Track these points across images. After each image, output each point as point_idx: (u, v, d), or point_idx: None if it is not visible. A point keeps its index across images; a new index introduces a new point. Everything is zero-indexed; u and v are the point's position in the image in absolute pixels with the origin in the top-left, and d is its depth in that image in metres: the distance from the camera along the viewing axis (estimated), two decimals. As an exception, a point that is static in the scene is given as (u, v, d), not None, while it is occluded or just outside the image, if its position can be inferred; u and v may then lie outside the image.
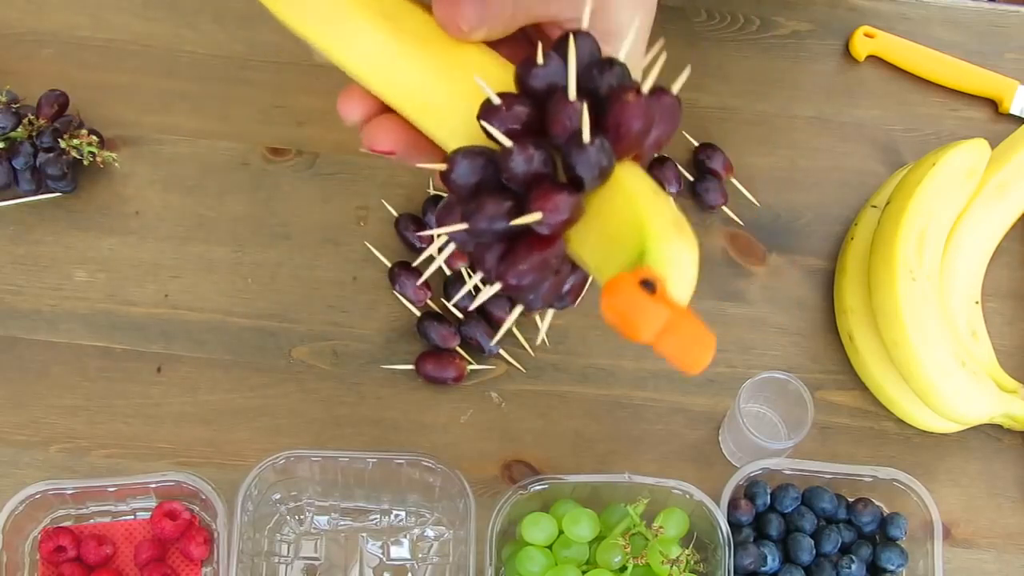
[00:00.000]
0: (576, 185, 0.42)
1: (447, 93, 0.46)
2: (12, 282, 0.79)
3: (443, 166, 0.44)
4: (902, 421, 0.78)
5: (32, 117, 0.78)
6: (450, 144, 0.45)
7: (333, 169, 0.82)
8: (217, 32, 0.85)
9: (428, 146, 0.48)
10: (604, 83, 0.43)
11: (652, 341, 0.39)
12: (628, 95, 0.42)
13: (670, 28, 0.86)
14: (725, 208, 0.81)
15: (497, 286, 0.44)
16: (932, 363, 0.72)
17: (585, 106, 0.41)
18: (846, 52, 0.87)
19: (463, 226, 0.43)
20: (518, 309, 0.46)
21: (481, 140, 0.44)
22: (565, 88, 0.42)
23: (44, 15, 0.85)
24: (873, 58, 0.86)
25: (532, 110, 0.43)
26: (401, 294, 0.78)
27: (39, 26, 0.84)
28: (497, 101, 0.43)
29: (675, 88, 0.44)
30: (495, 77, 0.45)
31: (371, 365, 0.78)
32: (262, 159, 0.82)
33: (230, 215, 0.81)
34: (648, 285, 0.39)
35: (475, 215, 0.42)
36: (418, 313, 0.78)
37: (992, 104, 0.86)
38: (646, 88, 0.42)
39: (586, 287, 0.48)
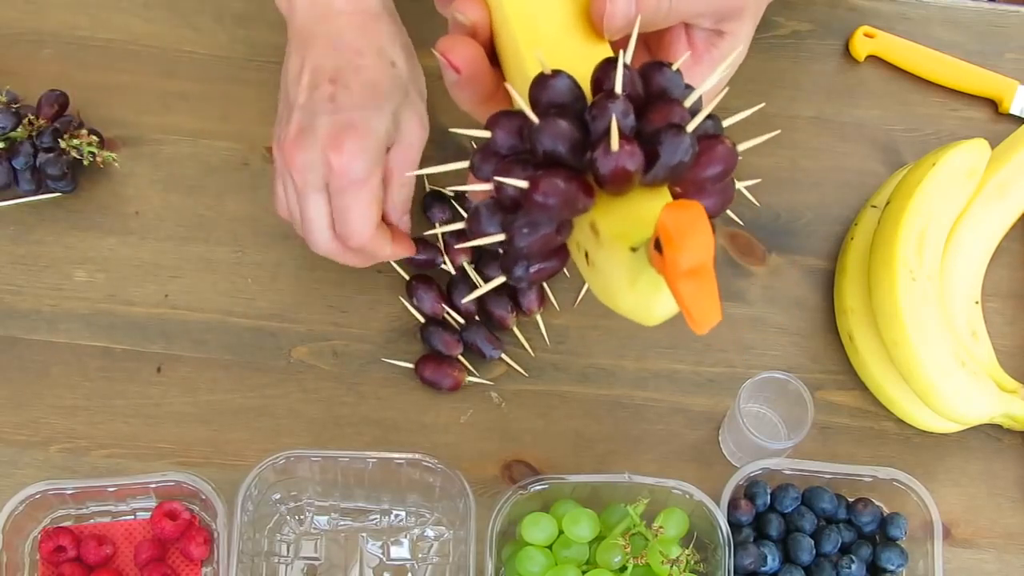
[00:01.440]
0: (648, 161, 0.43)
1: (570, 47, 0.48)
2: (12, 282, 0.79)
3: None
4: (902, 421, 0.78)
5: (32, 117, 0.78)
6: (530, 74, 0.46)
7: (333, 169, 0.82)
8: (217, 32, 0.85)
9: (492, 83, 0.50)
10: (702, 126, 0.45)
11: (683, 270, 0.40)
12: (727, 139, 0.45)
13: (670, 28, 0.86)
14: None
15: (500, 278, 0.45)
16: (932, 363, 0.72)
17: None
18: (846, 52, 0.87)
19: (535, 117, 0.43)
20: (496, 237, 0.46)
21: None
22: (680, 96, 0.45)
23: (44, 15, 0.85)
24: (873, 58, 0.86)
25: (641, 94, 0.45)
26: (418, 308, 0.78)
27: (39, 26, 0.84)
28: (622, 71, 0.44)
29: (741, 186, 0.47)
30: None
31: (371, 365, 0.78)
32: (262, 159, 0.82)
33: (230, 215, 0.81)
34: (711, 219, 0.41)
35: (548, 124, 0.43)
36: (422, 319, 0.78)
37: (992, 104, 0.86)
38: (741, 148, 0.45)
39: (547, 279, 0.48)
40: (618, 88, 0.43)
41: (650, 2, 0.49)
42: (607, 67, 0.44)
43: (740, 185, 0.52)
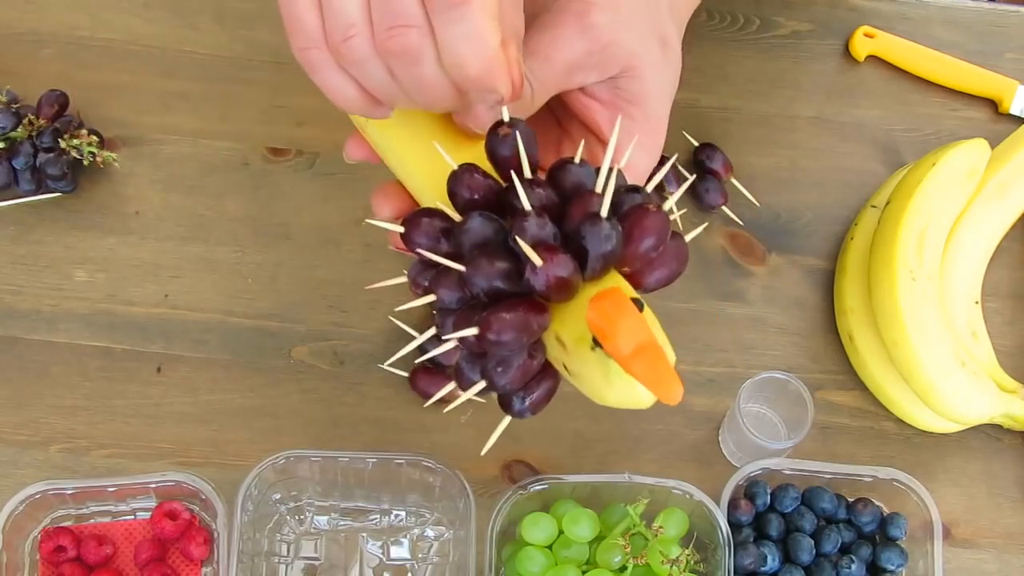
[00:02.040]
0: (579, 259, 0.43)
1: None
2: (12, 282, 0.79)
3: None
4: (902, 421, 0.78)
5: (32, 117, 0.78)
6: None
7: (333, 169, 0.82)
8: (217, 32, 0.85)
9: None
10: (628, 200, 0.45)
11: (626, 355, 0.40)
12: (651, 206, 0.44)
13: (670, 28, 0.86)
14: (725, 208, 0.81)
15: (451, 342, 0.45)
16: (932, 363, 0.72)
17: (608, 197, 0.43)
18: (846, 52, 0.87)
19: (461, 267, 0.44)
20: (479, 385, 0.46)
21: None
22: (593, 184, 0.44)
23: (44, 15, 0.85)
24: (873, 58, 0.86)
25: (555, 199, 0.45)
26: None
27: (39, 26, 0.84)
28: (528, 176, 0.45)
29: (688, 238, 0.46)
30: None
31: (371, 365, 0.78)
32: (262, 159, 0.82)
33: (230, 215, 0.81)
34: (638, 304, 0.42)
35: (476, 268, 0.43)
36: (416, 334, 0.77)
37: (992, 104, 0.86)
38: (666, 207, 0.44)
39: (548, 402, 0.48)
40: (526, 206, 0.43)
41: (515, 96, 0.46)
42: (511, 189, 0.44)
43: (740, 185, 0.53)
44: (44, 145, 0.78)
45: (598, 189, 0.44)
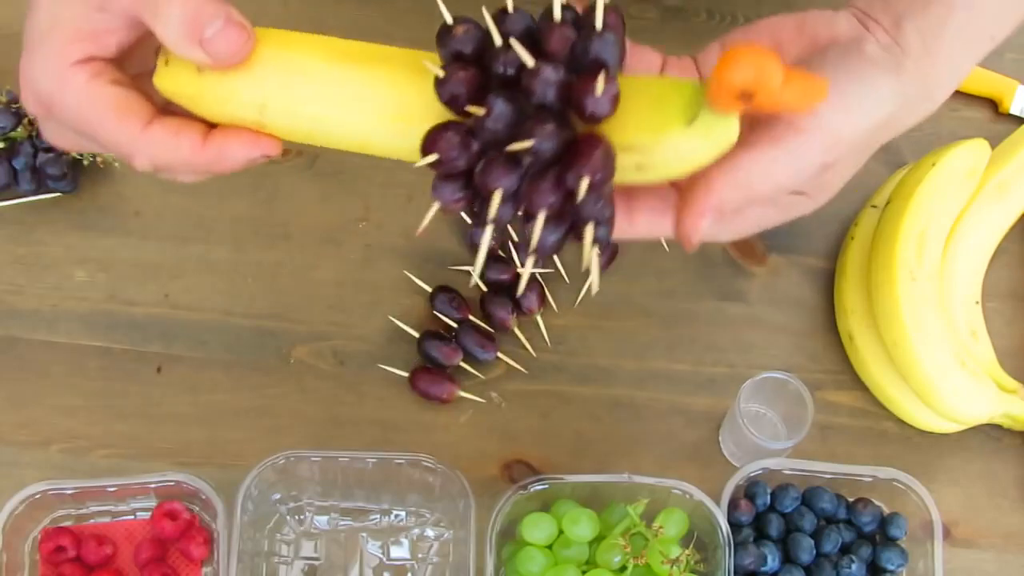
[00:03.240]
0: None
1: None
2: (12, 282, 0.79)
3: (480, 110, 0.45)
4: (902, 421, 0.78)
5: (32, 117, 0.78)
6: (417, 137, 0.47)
7: (333, 169, 0.82)
8: (217, 32, 0.85)
9: None
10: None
11: (779, 87, 0.42)
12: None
13: (670, 28, 0.86)
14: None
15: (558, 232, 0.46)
16: (932, 363, 0.72)
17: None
18: (846, 52, 0.87)
19: (528, 143, 0.44)
20: (530, 263, 0.46)
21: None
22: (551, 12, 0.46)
23: (44, 15, 0.85)
24: (873, 58, 0.86)
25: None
26: (443, 312, 0.78)
27: (39, 26, 0.84)
28: (499, 41, 0.46)
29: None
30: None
31: (371, 365, 0.78)
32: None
33: (230, 215, 0.81)
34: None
35: (540, 133, 0.44)
36: (416, 334, 0.77)
37: (992, 104, 0.86)
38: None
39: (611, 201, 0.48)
40: (528, 63, 0.45)
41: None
42: (498, 57, 0.46)
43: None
44: (44, 145, 0.78)
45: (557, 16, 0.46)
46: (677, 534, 0.69)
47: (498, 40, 0.45)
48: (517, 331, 0.78)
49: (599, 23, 0.45)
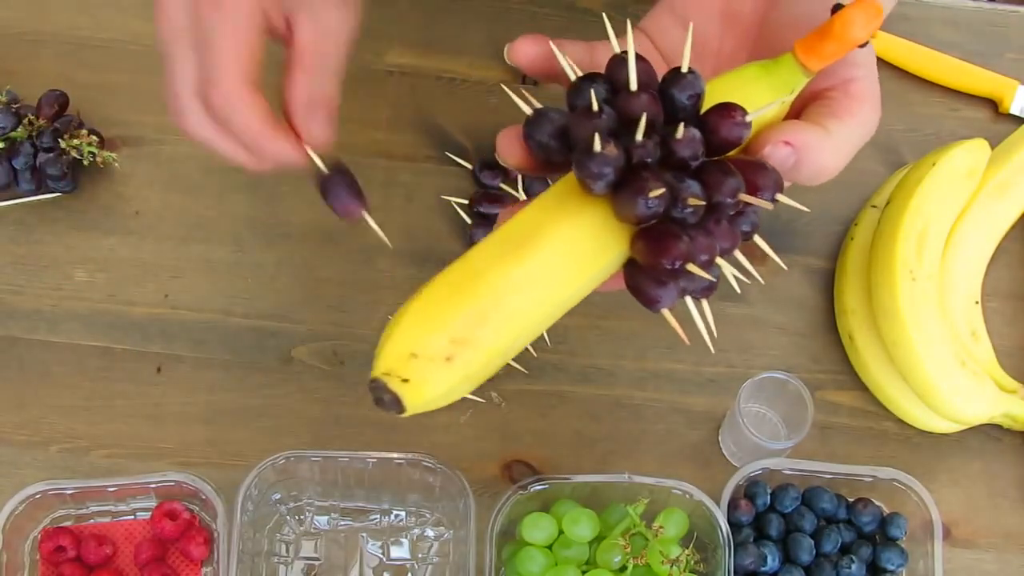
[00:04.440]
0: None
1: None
2: (12, 282, 0.79)
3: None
4: (902, 421, 0.78)
5: (32, 117, 0.78)
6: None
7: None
8: (217, 32, 0.85)
9: None
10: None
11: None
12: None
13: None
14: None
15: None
16: (932, 363, 0.72)
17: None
18: (846, 52, 0.87)
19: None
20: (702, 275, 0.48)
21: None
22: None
23: (44, 15, 0.85)
24: (873, 58, 0.86)
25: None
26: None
27: (39, 26, 0.84)
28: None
29: None
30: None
31: (371, 365, 0.77)
32: (262, 159, 0.82)
33: (230, 215, 0.81)
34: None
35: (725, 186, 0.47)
36: None
37: (992, 104, 0.86)
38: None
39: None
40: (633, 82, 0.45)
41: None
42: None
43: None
44: (44, 145, 0.78)
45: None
46: (677, 534, 0.69)
47: (640, 133, 0.45)
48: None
49: (685, 66, 0.46)
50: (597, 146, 0.43)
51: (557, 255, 0.45)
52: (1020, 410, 0.76)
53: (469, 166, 0.81)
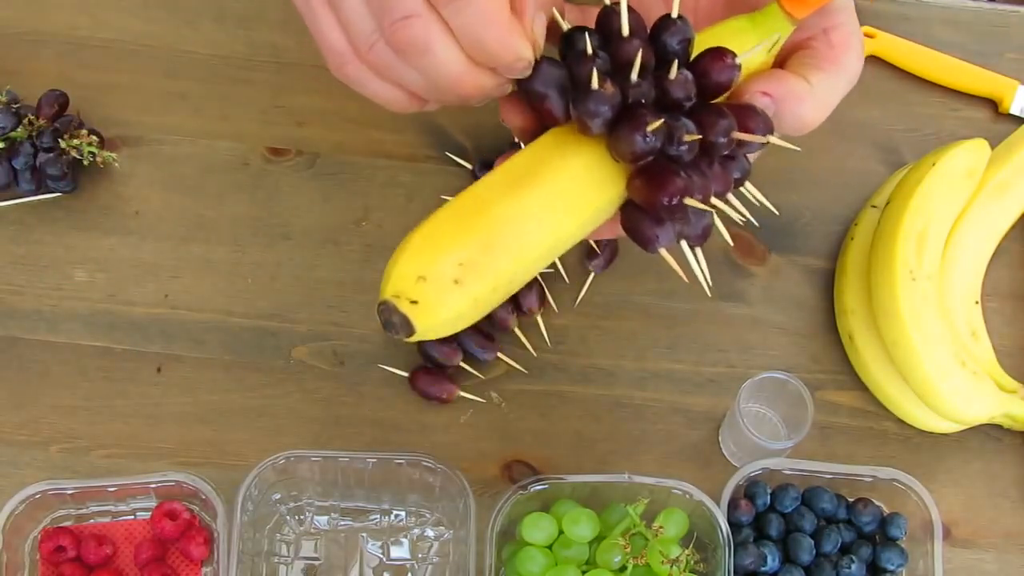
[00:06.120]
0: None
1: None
2: (12, 282, 0.79)
3: None
4: (902, 421, 0.78)
5: (32, 117, 0.78)
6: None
7: (333, 169, 0.82)
8: (217, 32, 0.85)
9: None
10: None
11: None
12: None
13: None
14: (725, 207, 0.81)
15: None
16: (932, 363, 0.72)
17: None
18: (846, 52, 0.87)
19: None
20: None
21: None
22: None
23: (44, 15, 0.85)
24: (873, 58, 0.86)
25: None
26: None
27: (39, 26, 0.84)
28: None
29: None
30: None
31: (371, 365, 0.78)
32: (262, 159, 0.82)
33: (230, 215, 0.81)
34: None
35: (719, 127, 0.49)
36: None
37: (992, 104, 0.86)
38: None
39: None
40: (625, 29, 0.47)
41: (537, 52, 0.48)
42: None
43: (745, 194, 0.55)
44: (44, 145, 0.78)
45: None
46: (677, 534, 0.69)
47: (635, 72, 0.47)
48: (517, 331, 0.78)
49: (675, 13, 0.47)
50: (595, 83, 0.45)
51: (559, 186, 0.48)
52: (1020, 410, 0.76)
53: (469, 166, 0.81)
